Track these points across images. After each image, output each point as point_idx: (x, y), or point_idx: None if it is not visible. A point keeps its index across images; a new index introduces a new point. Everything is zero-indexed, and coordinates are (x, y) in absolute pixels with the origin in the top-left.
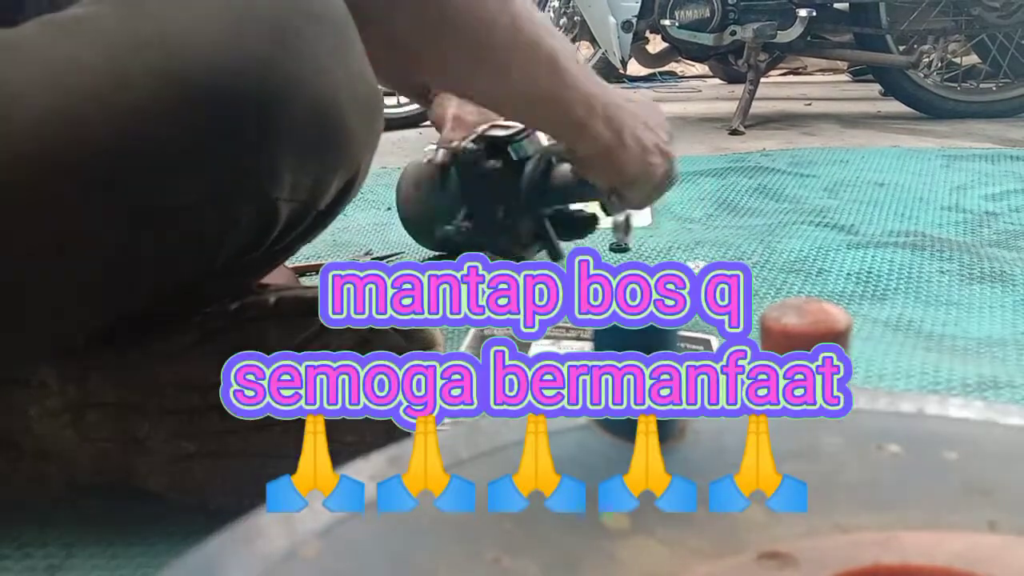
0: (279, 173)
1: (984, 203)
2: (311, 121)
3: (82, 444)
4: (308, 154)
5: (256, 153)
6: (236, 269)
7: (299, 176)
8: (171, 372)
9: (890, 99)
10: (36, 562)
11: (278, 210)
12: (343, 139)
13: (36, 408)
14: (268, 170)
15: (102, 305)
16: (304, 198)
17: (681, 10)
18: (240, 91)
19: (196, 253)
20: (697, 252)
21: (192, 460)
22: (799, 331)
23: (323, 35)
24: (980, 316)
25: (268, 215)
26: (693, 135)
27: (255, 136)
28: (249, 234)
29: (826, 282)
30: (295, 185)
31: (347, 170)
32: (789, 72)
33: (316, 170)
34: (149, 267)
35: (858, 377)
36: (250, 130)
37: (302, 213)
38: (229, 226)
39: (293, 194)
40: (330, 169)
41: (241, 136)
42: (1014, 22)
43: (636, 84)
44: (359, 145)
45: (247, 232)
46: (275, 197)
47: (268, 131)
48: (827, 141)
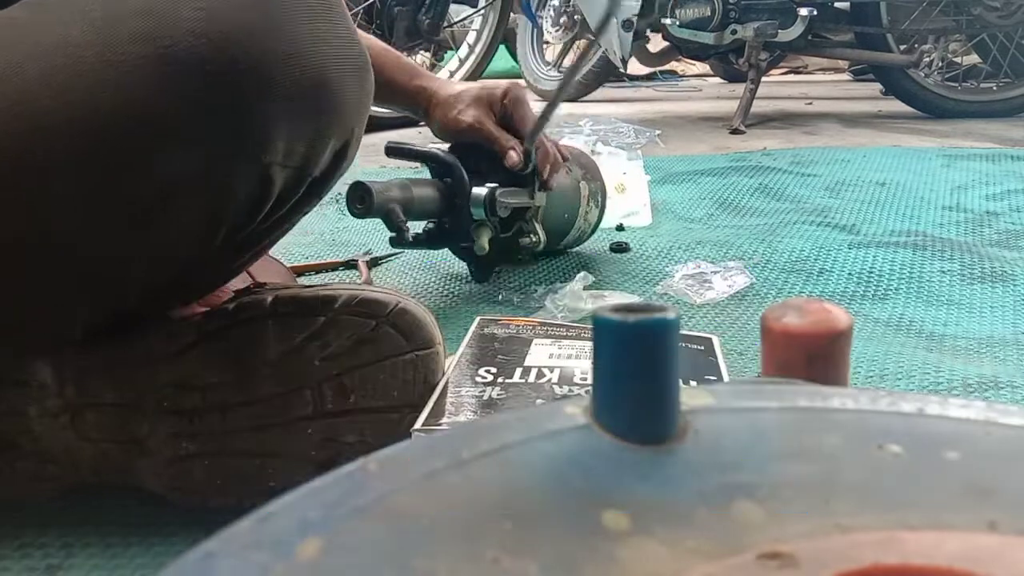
0: (272, 138)
1: (985, 203)
2: (303, 85)
3: (81, 444)
4: (301, 118)
5: (249, 119)
6: (237, 243)
7: (293, 141)
8: (170, 372)
9: (891, 98)
10: (36, 562)
11: (272, 176)
12: (335, 102)
13: (35, 408)
14: (262, 135)
15: (104, 286)
16: (298, 163)
17: (682, 9)
18: (229, 58)
19: (195, 224)
20: (697, 252)
21: (192, 460)
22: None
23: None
24: (981, 316)
25: (264, 181)
26: (694, 134)
27: (247, 102)
28: (246, 202)
29: (827, 282)
30: (289, 150)
31: (340, 135)
32: (790, 71)
33: (309, 134)
34: (150, 242)
35: (859, 377)
36: (241, 96)
37: (297, 179)
38: (226, 194)
39: (287, 159)
40: (323, 133)
41: (233, 103)
42: (1014, 22)
43: (637, 83)
44: (351, 108)
45: (244, 200)
46: (269, 162)
47: (260, 96)
48: (828, 140)
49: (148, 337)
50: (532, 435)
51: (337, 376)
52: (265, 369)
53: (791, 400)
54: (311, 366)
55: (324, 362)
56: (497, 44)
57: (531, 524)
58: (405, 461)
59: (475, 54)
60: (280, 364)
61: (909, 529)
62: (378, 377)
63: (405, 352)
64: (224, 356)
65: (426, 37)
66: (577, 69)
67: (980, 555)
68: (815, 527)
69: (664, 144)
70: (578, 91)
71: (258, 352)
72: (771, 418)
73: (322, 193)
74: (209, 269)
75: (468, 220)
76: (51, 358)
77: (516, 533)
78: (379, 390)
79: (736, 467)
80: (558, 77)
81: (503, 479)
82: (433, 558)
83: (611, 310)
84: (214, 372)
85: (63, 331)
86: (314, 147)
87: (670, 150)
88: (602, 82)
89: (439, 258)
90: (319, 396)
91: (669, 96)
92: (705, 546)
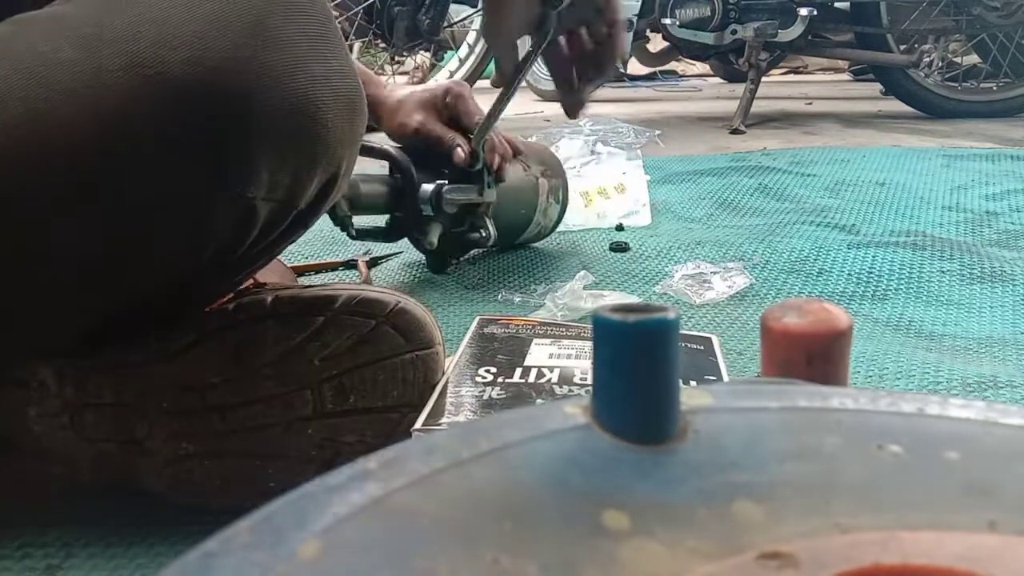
0: (256, 171)
1: (985, 203)
2: (289, 117)
3: (81, 445)
4: (286, 151)
5: (232, 150)
6: (220, 270)
7: (277, 174)
8: (170, 372)
9: (891, 98)
10: (36, 562)
11: (256, 209)
12: (322, 136)
13: (35, 409)
14: (245, 167)
15: (84, 305)
16: (282, 197)
17: (682, 9)
18: (216, 86)
19: (174, 252)
20: (697, 252)
21: (192, 460)
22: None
23: (302, 30)
24: (980, 316)
25: (246, 214)
26: (694, 134)
27: (231, 133)
28: (227, 233)
29: (827, 282)
30: (273, 184)
31: (327, 168)
32: (790, 71)
33: (294, 168)
34: (127, 267)
35: (859, 377)
36: (226, 127)
37: (281, 212)
38: (207, 225)
39: (271, 193)
40: (309, 167)
41: (217, 133)
42: (1014, 22)
43: (637, 83)
44: (339, 142)
45: (225, 231)
46: (252, 196)
47: (244, 128)
48: (828, 140)
49: (148, 337)
50: (532, 435)
51: (337, 376)
52: (265, 369)
53: (791, 400)
54: (311, 366)
55: (324, 362)
56: None
57: (531, 524)
58: (405, 461)
59: (475, 54)
60: (280, 364)
61: (909, 529)
62: (378, 377)
63: (405, 352)
64: (224, 356)
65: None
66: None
67: (980, 555)
68: (815, 527)
69: (664, 144)
70: None
71: (258, 352)
72: (771, 418)
73: (308, 224)
74: (195, 291)
75: (418, 216)
76: (51, 359)
77: (516, 533)
78: (379, 390)
79: (736, 467)
80: None
81: (503, 479)
82: (433, 558)
83: (611, 310)
84: (214, 372)
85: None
86: (299, 181)
87: (670, 150)
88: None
89: None
90: (319, 396)
91: (669, 96)
92: (705, 546)
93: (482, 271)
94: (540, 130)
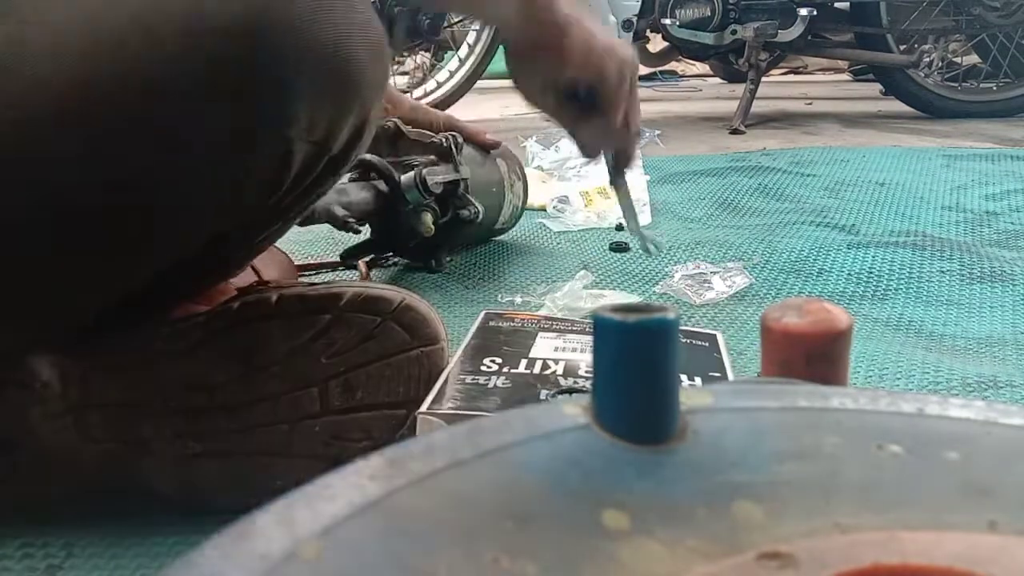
0: (294, 110)
1: (984, 203)
2: (326, 61)
3: (85, 445)
4: (322, 92)
5: (271, 88)
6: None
7: (315, 115)
8: (175, 371)
9: (891, 98)
10: (36, 562)
11: (293, 150)
12: (356, 80)
13: (39, 410)
14: (284, 106)
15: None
16: (318, 139)
17: (682, 9)
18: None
19: (219, 193)
20: (697, 252)
21: (197, 460)
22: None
23: None
24: (980, 316)
25: (284, 154)
26: (694, 134)
27: (272, 73)
28: (266, 174)
29: (827, 282)
30: (311, 125)
31: (360, 112)
32: (790, 71)
33: (330, 110)
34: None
35: (859, 377)
36: (267, 67)
37: (316, 155)
38: (248, 162)
39: (309, 134)
40: (343, 110)
41: (259, 73)
42: (1014, 22)
43: None
44: (370, 87)
45: (264, 171)
46: (290, 136)
47: (285, 69)
48: (828, 140)
49: (152, 337)
50: (532, 435)
51: (343, 373)
52: (271, 368)
53: (791, 400)
54: (317, 364)
55: (330, 360)
56: (497, 44)
57: (531, 524)
58: (405, 461)
59: (475, 54)
60: (286, 362)
61: (909, 529)
62: (384, 374)
63: (410, 348)
64: (230, 355)
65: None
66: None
67: (980, 555)
68: (815, 527)
69: (664, 144)
70: None
71: (264, 351)
72: (771, 418)
73: (338, 172)
74: (222, 248)
75: (405, 209)
76: (54, 358)
77: (516, 533)
78: (385, 387)
79: (736, 467)
80: None
81: (503, 479)
82: (433, 558)
83: (611, 310)
84: (219, 371)
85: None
86: (334, 123)
87: (670, 150)
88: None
89: None
90: (325, 394)
91: (669, 96)
92: (705, 546)
93: (482, 272)
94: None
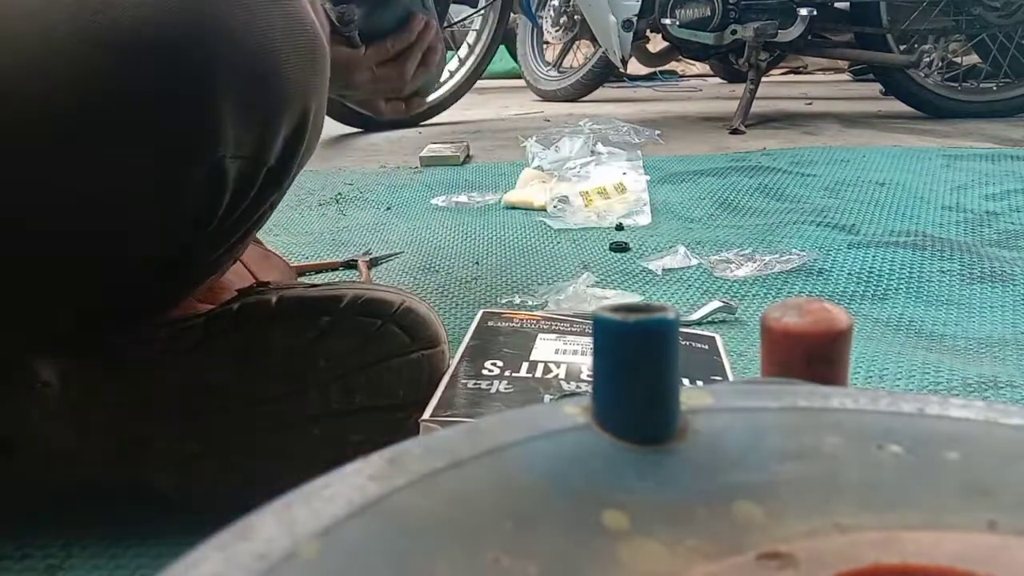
0: (218, 127)
1: (985, 203)
2: (246, 69)
3: (85, 446)
4: (247, 104)
5: (192, 109)
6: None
7: (241, 129)
8: (175, 372)
9: (891, 98)
10: (36, 562)
11: (224, 167)
12: (283, 84)
13: (40, 410)
14: (207, 125)
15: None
16: (249, 153)
17: (682, 9)
18: (170, 43)
19: (147, 221)
20: (697, 252)
21: (198, 461)
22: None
23: None
24: (980, 316)
25: (215, 174)
26: (694, 134)
27: (191, 90)
28: (200, 197)
29: (827, 282)
30: (239, 139)
31: (291, 117)
32: (790, 71)
33: (258, 120)
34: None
35: (859, 377)
36: (182, 85)
37: (251, 169)
38: (177, 188)
39: (237, 150)
40: (272, 118)
41: (176, 91)
42: (1014, 22)
43: (637, 83)
44: (301, 90)
45: (196, 194)
46: (219, 155)
47: (201, 84)
48: (828, 140)
49: (152, 337)
50: (532, 435)
51: (343, 376)
52: (271, 369)
53: (791, 400)
54: (317, 366)
55: (330, 362)
56: (497, 44)
57: (531, 524)
58: (405, 461)
59: (475, 54)
60: (286, 364)
61: (909, 529)
62: (384, 376)
63: (411, 351)
64: (229, 356)
65: None
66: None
67: (980, 555)
68: (815, 527)
69: (664, 144)
70: (578, 91)
71: (264, 352)
72: (771, 418)
73: (282, 183)
74: (182, 265)
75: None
76: (55, 359)
77: (516, 533)
78: (385, 389)
79: (736, 467)
80: (558, 77)
81: (503, 479)
82: (433, 558)
83: (611, 310)
84: (219, 373)
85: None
86: (264, 135)
87: (670, 150)
88: (602, 82)
89: (439, 259)
90: (325, 396)
91: (669, 96)
92: (705, 546)
93: (482, 272)
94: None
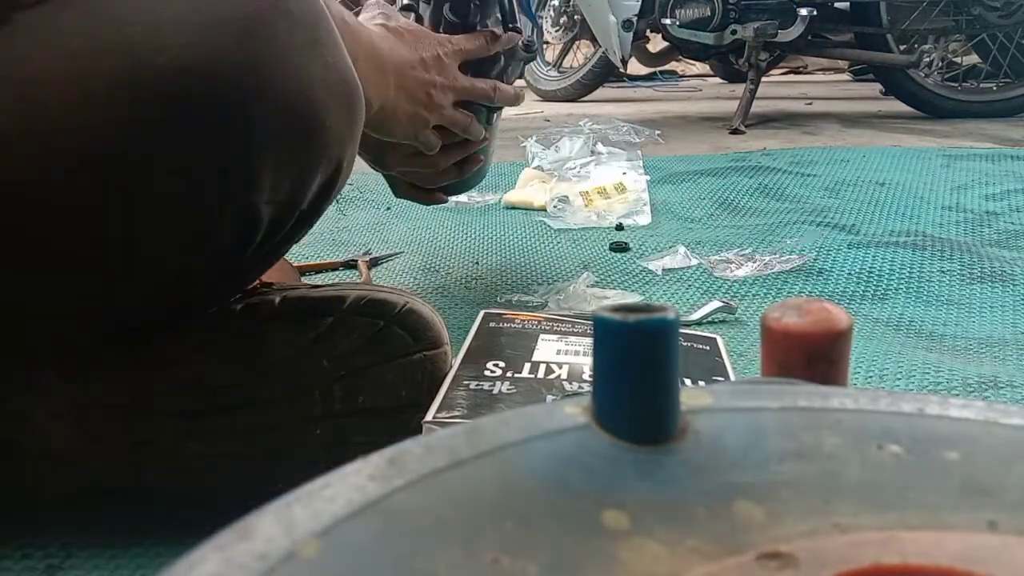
0: (257, 175)
1: (985, 203)
2: (286, 119)
3: (87, 445)
4: (285, 152)
5: (232, 156)
6: (228, 272)
7: (278, 176)
8: (178, 373)
9: (891, 98)
10: (36, 562)
11: (260, 212)
12: (320, 135)
13: (41, 410)
14: (246, 172)
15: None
16: (284, 199)
17: (681, 9)
18: (210, 94)
19: (179, 260)
20: (697, 252)
21: (199, 461)
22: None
23: (294, 29)
24: (980, 316)
25: (250, 218)
26: (694, 134)
27: (229, 139)
28: (231, 238)
29: (827, 282)
30: (275, 185)
31: (327, 166)
32: (790, 71)
33: (295, 168)
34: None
35: (859, 377)
36: (223, 133)
37: (284, 213)
38: (211, 232)
39: (273, 195)
40: (309, 166)
41: (215, 140)
42: (1014, 22)
43: (637, 83)
44: (337, 140)
45: (229, 236)
46: (255, 200)
47: (242, 133)
48: (828, 140)
49: (155, 338)
50: (532, 435)
51: (345, 377)
52: (273, 370)
53: (791, 400)
54: (319, 367)
55: (332, 363)
56: None
57: (531, 524)
58: (405, 461)
59: None
60: (288, 365)
61: (909, 529)
62: (386, 377)
63: (413, 352)
64: (231, 356)
65: None
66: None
67: (980, 555)
68: (815, 527)
69: (664, 144)
70: (578, 91)
71: (266, 353)
72: (771, 418)
73: (312, 222)
74: (203, 294)
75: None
76: (55, 359)
77: (516, 533)
78: (387, 390)
79: (736, 467)
80: (558, 77)
81: (503, 479)
82: (433, 558)
83: (611, 310)
84: (221, 372)
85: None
86: (300, 182)
87: (670, 150)
88: (602, 82)
89: (439, 259)
90: (327, 397)
91: (669, 96)
92: (705, 546)
93: (482, 272)
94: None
